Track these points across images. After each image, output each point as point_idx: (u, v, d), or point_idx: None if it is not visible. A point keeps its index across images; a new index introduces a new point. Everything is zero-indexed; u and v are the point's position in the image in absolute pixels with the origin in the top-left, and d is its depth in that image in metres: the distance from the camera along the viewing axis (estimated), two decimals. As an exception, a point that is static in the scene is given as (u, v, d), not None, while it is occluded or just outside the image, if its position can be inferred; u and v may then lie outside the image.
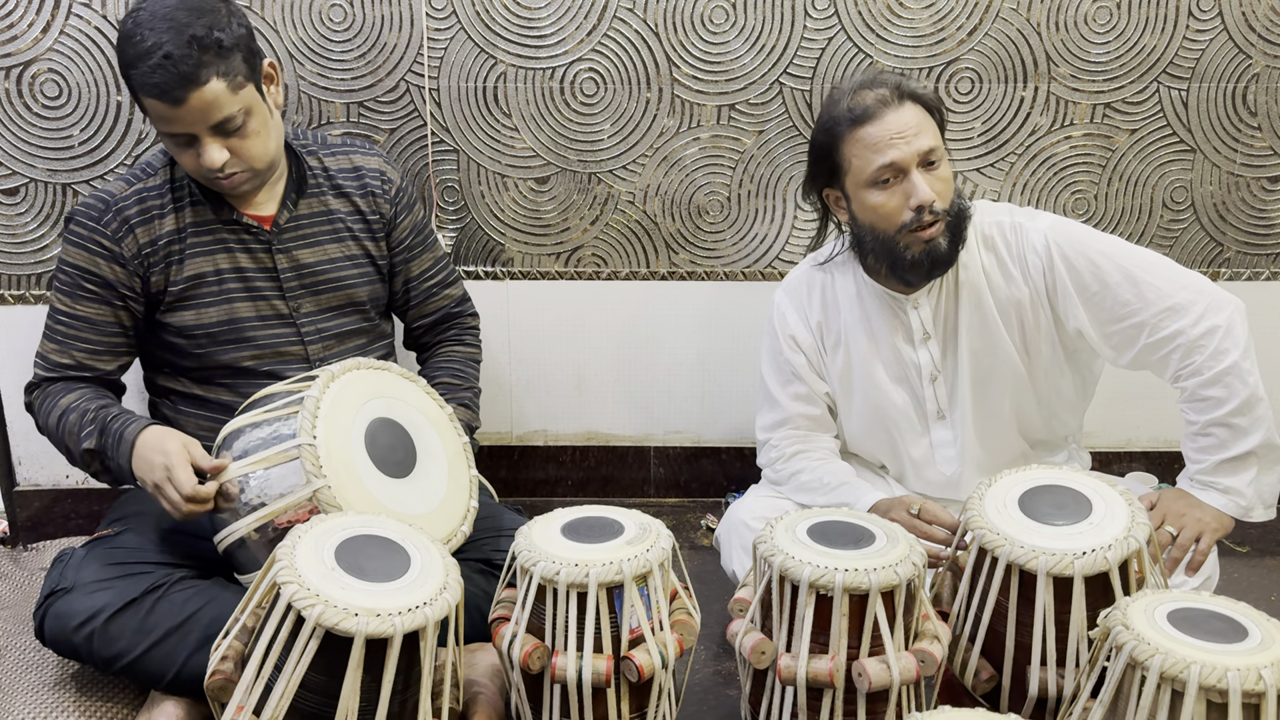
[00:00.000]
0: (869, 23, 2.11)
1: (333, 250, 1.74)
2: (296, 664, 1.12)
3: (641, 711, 1.31)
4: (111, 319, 1.65)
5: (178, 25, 1.47)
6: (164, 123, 1.52)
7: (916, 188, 1.56)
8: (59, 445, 1.63)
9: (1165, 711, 1.05)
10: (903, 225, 1.59)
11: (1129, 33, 2.12)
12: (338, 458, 1.42)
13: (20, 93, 1.96)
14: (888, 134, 1.56)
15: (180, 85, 1.47)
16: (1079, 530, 1.27)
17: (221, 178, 1.57)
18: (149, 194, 1.64)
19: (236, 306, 1.67)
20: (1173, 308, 1.57)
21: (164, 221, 1.63)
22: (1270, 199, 2.22)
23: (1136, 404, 2.29)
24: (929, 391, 1.73)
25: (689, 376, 2.33)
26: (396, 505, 1.44)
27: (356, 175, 1.76)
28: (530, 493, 2.38)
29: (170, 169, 1.66)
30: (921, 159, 1.56)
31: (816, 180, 1.69)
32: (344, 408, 1.47)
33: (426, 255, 1.87)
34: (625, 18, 2.11)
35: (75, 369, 1.65)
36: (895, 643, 1.22)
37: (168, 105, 1.48)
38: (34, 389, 1.68)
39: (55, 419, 1.61)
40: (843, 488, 1.71)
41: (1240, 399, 1.54)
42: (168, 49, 1.46)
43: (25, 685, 1.58)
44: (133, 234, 1.62)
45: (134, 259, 1.62)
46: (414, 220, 1.84)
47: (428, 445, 1.55)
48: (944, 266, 1.63)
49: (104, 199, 1.62)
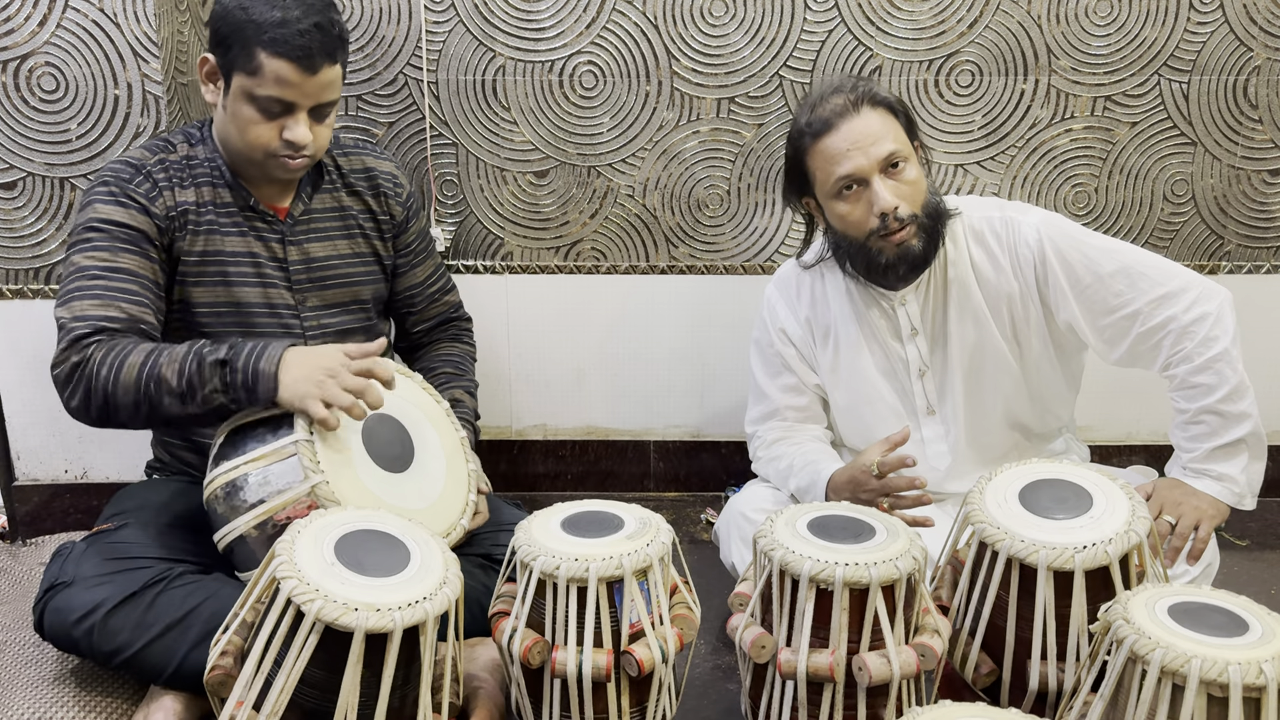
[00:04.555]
0: (869, 15, 2.11)
1: (343, 246, 1.75)
2: (296, 659, 1.12)
3: (641, 706, 1.31)
4: (150, 274, 1.59)
5: (322, 6, 1.56)
6: (277, 86, 1.53)
7: (878, 196, 1.57)
8: (137, 388, 1.45)
9: (1166, 706, 1.05)
10: (871, 232, 1.60)
11: (1130, 25, 2.11)
12: (335, 454, 1.42)
13: (17, 86, 1.96)
14: (845, 145, 1.57)
15: (321, 54, 1.54)
16: (1079, 524, 1.27)
17: (291, 157, 1.60)
18: (171, 164, 1.65)
19: (245, 290, 1.67)
20: (1165, 296, 1.59)
21: (185, 191, 1.64)
22: (1271, 192, 2.21)
23: (1135, 398, 2.29)
24: (917, 387, 1.74)
25: (688, 370, 2.33)
26: (395, 500, 1.44)
27: (369, 176, 1.78)
28: (530, 487, 2.38)
29: (189, 148, 1.67)
30: (882, 165, 1.57)
31: (793, 190, 1.71)
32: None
33: (429, 262, 1.89)
34: (624, 10, 2.11)
35: (125, 323, 1.51)
36: (895, 637, 1.22)
37: (300, 70, 1.53)
38: (83, 342, 1.48)
39: (141, 358, 1.45)
40: (808, 468, 1.71)
41: (1230, 385, 1.56)
42: (318, 20, 1.53)
43: (24, 680, 1.58)
44: (161, 195, 1.62)
45: (164, 218, 1.61)
46: (420, 227, 1.87)
47: (425, 440, 1.55)
48: (922, 267, 1.64)
49: (132, 163, 1.63)
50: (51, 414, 2.12)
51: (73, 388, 1.48)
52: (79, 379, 1.48)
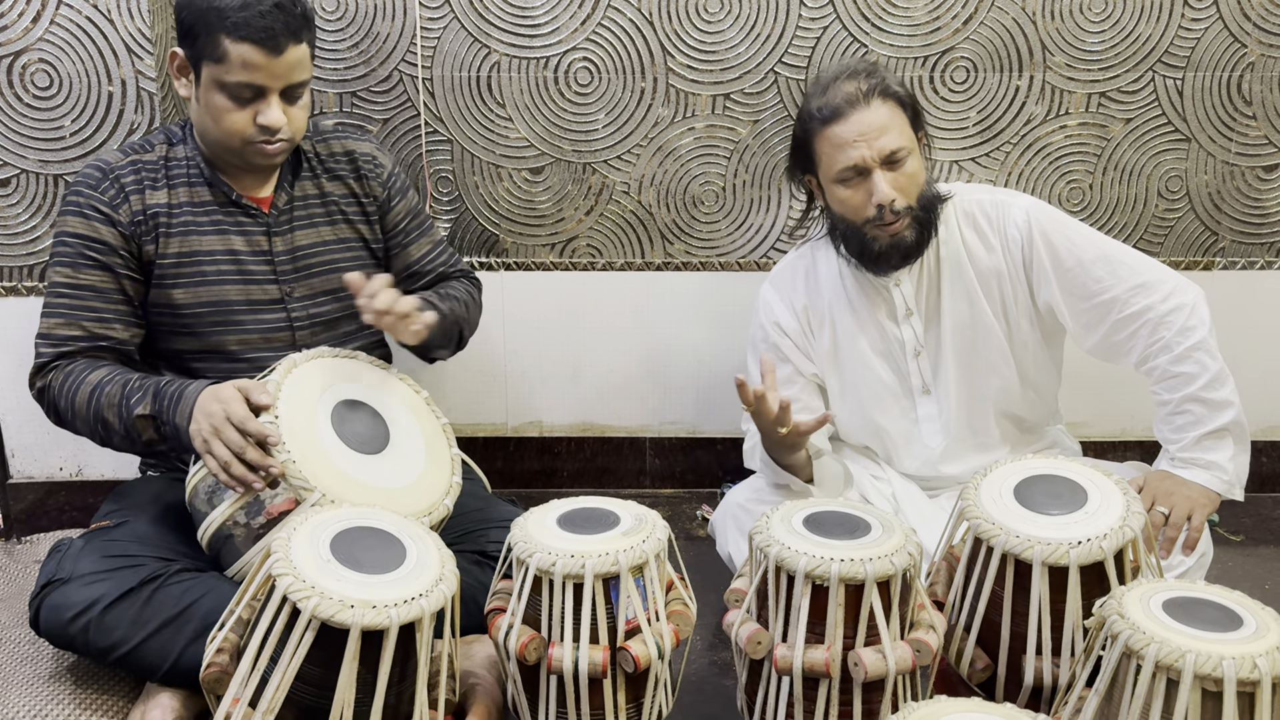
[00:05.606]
0: (864, 11, 2.11)
1: (326, 233, 1.75)
2: (292, 656, 1.12)
3: (638, 702, 1.31)
4: (115, 286, 1.62)
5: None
6: (245, 70, 1.53)
7: (877, 188, 1.61)
8: (90, 423, 1.55)
9: (1160, 700, 1.05)
10: (868, 219, 1.64)
11: (1124, 21, 2.11)
12: (301, 435, 1.44)
13: (10, 83, 1.95)
14: (851, 135, 1.60)
15: (285, 35, 1.53)
16: (1074, 520, 1.27)
17: (269, 142, 1.60)
18: (144, 166, 1.65)
19: (226, 289, 1.67)
20: (1142, 285, 1.63)
21: (156, 194, 1.64)
22: (1265, 188, 2.22)
23: (1130, 394, 2.29)
24: (913, 366, 1.76)
25: (685, 367, 2.33)
26: (370, 479, 1.46)
27: (349, 159, 1.78)
28: (525, 484, 2.38)
29: (168, 149, 1.67)
30: (884, 158, 1.60)
31: (797, 166, 1.75)
32: (307, 391, 1.50)
33: (424, 240, 1.87)
34: (619, 6, 2.10)
35: (86, 339, 1.60)
36: (891, 632, 1.22)
37: (265, 53, 1.52)
38: (45, 370, 1.60)
39: (87, 394, 1.54)
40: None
41: (1211, 373, 1.59)
42: (279, 1, 1.53)
43: (21, 677, 1.58)
44: (128, 201, 1.62)
45: (130, 225, 1.62)
46: (408, 204, 1.85)
47: (402, 424, 1.57)
48: (913, 256, 1.68)
49: (100, 167, 1.63)
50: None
51: (45, 409, 1.62)
52: (47, 404, 1.61)
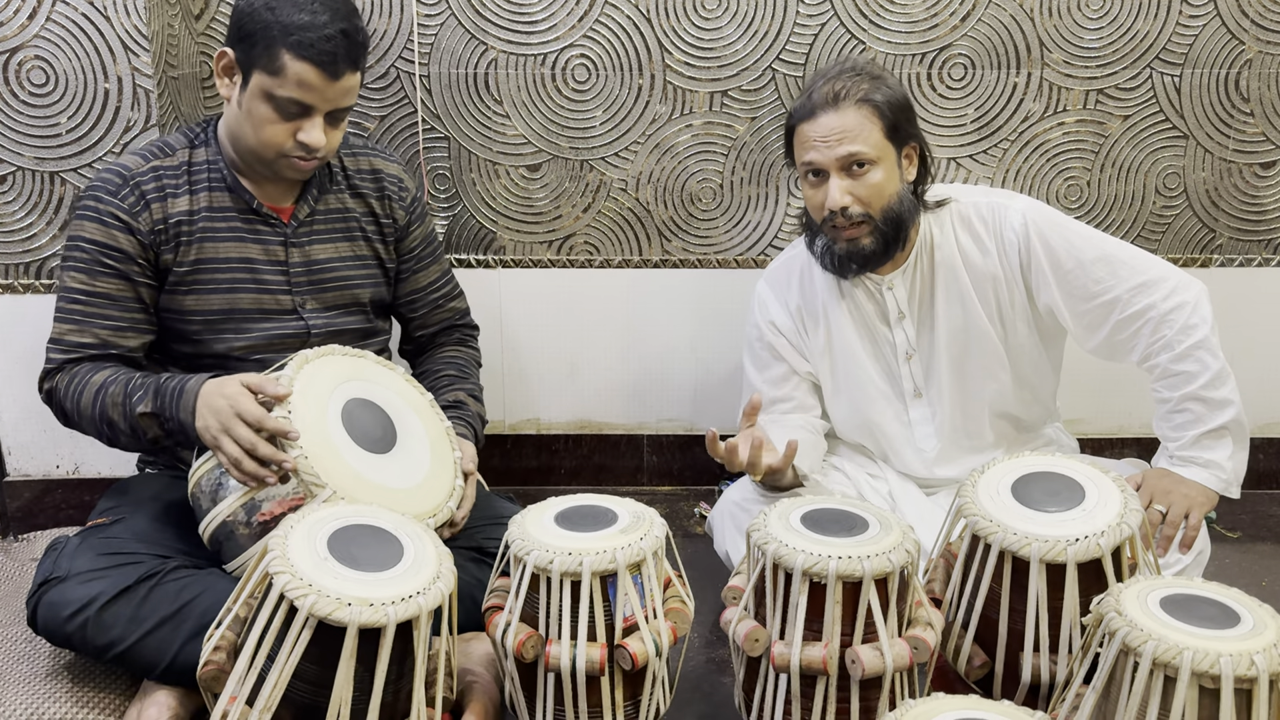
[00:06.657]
0: (861, 9, 2.11)
1: (344, 248, 1.75)
2: (289, 654, 1.12)
3: (635, 699, 1.31)
4: (131, 294, 1.62)
5: (347, 12, 1.58)
6: (299, 89, 1.54)
7: (829, 193, 1.61)
8: (97, 424, 1.56)
9: (1158, 698, 1.05)
10: (824, 220, 1.65)
11: (1121, 18, 2.11)
12: (313, 431, 1.43)
13: (6, 80, 1.94)
14: (815, 136, 1.62)
15: (344, 61, 1.55)
16: (1072, 517, 1.27)
17: (304, 158, 1.60)
18: (165, 172, 1.64)
19: (239, 296, 1.67)
20: (1144, 284, 1.62)
21: (178, 201, 1.64)
22: (1262, 185, 2.22)
23: (1127, 391, 2.29)
24: (905, 370, 1.76)
25: (682, 364, 2.33)
26: (377, 478, 1.46)
27: (375, 178, 1.78)
28: (523, 481, 2.38)
29: (190, 151, 1.67)
30: (842, 164, 1.60)
31: (789, 157, 1.75)
32: (319, 387, 1.49)
33: (434, 267, 1.88)
34: (617, 3, 2.10)
35: (98, 348, 1.60)
36: (889, 630, 1.22)
37: (323, 75, 1.54)
38: (54, 374, 1.61)
39: (92, 396, 1.55)
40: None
41: (1212, 372, 1.58)
42: (344, 27, 1.55)
43: (18, 676, 1.57)
44: (149, 209, 1.62)
45: (149, 233, 1.61)
46: (425, 231, 1.86)
47: (408, 426, 1.56)
48: (873, 265, 1.68)
49: (120, 173, 1.62)
50: (43, 409, 2.08)
51: (54, 412, 1.64)
52: (55, 407, 1.63)
